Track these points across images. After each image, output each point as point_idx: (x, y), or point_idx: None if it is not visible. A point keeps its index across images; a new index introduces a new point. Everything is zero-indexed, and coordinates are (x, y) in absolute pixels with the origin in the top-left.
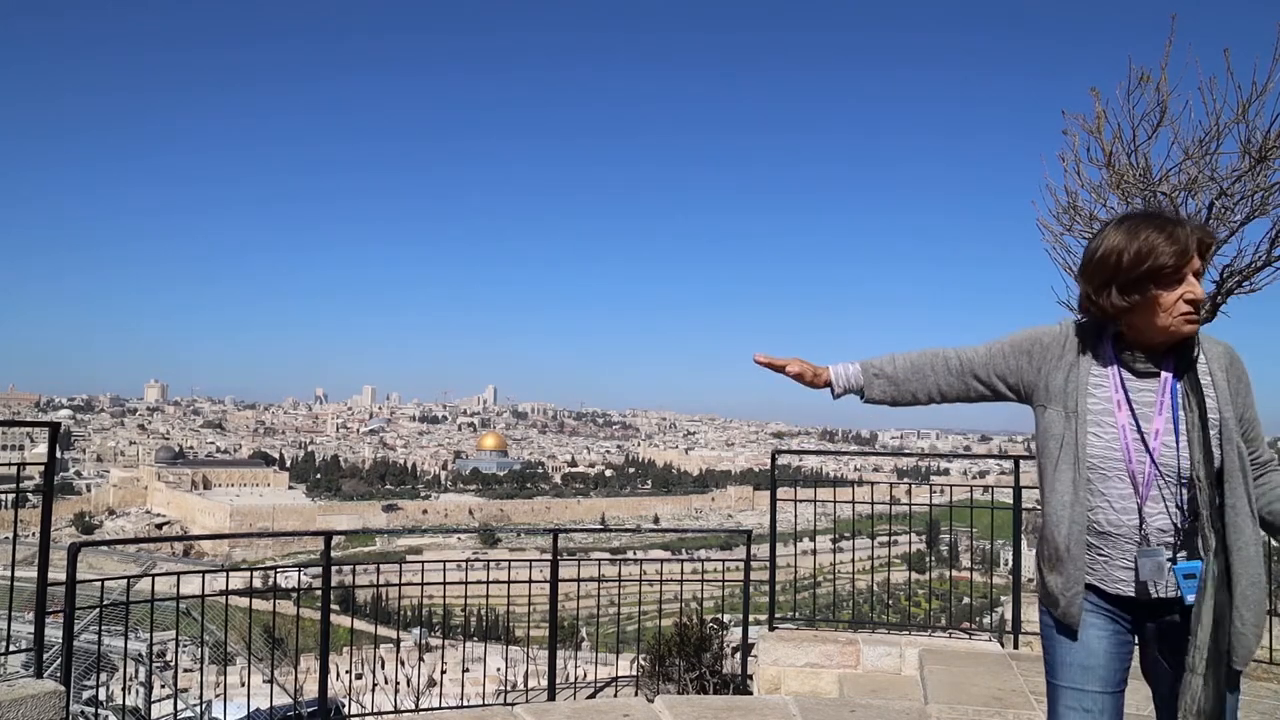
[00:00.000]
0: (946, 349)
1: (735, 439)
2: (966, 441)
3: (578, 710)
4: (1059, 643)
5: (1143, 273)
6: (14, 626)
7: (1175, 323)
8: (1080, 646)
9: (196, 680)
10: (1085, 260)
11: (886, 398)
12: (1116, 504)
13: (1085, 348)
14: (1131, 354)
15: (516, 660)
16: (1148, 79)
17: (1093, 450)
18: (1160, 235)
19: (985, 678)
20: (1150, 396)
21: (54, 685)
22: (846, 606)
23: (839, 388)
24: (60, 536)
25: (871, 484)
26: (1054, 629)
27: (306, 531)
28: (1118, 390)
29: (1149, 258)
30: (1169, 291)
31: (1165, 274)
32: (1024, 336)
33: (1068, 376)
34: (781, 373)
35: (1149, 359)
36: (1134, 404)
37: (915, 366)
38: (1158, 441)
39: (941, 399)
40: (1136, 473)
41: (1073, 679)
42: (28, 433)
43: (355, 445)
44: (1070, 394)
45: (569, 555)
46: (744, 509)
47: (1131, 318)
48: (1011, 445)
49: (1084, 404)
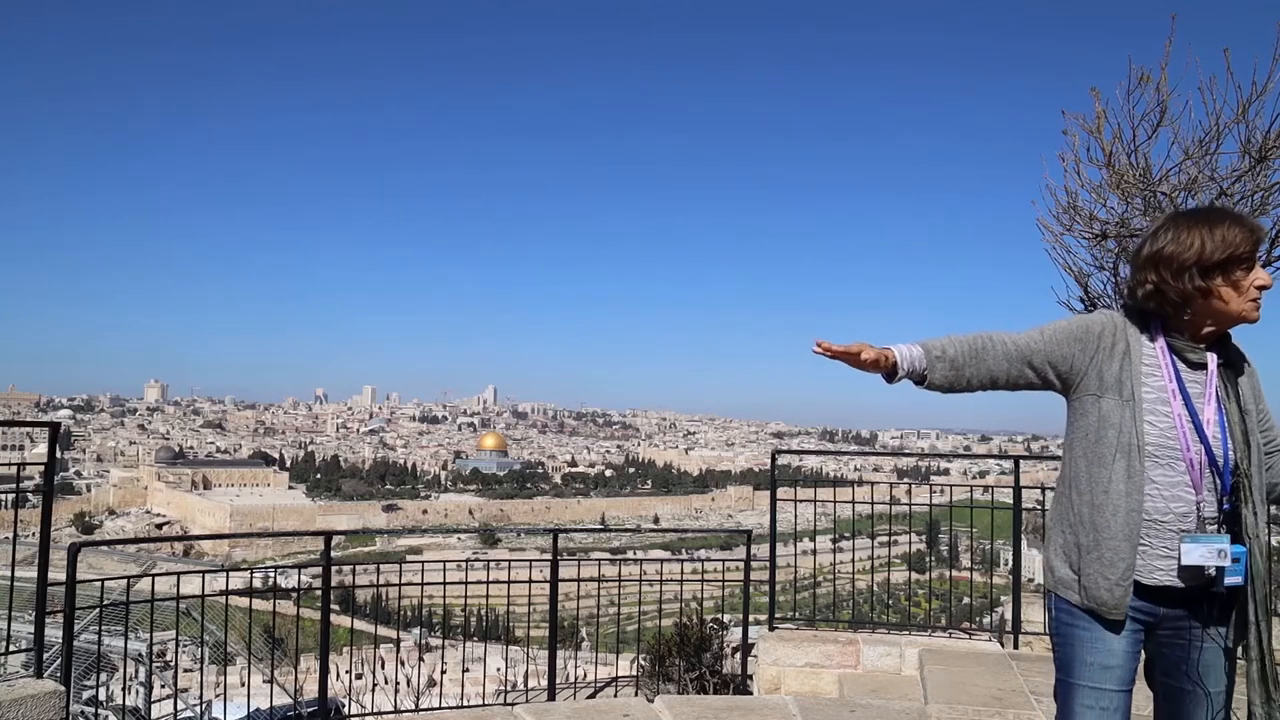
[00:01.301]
0: (998, 333)
1: (735, 439)
2: (966, 441)
3: (578, 710)
4: (1080, 641)
5: (1224, 258)
6: (14, 626)
7: (1247, 308)
8: (1103, 645)
9: (196, 680)
10: (1157, 249)
11: (945, 383)
12: (1166, 491)
13: (1136, 337)
14: (1185, 343)
15: (516, 660)
16: (1148, 79)
17: (1149, 438)
18: (1234, 225)
19: (985, 678)
20: (1200, 388)
21: (54, 685)
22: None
23: (902, 370)
24: (60, 536)
25: (871, 484)
26: (1076, 626)
27: (306, 531)
28: (1172, 380)
29: (1228, 245)
30: (1244, 278)
31: (1242, 259)
32: (1075, 324)
33: (1121, 365)
34: (848, 361)
35: (1199, 350)
36: (1188, 394)
37: (974, 350)
38: (1212, 429)
39: (993, 385)
40: (1193, 461)
41: (1092, 678)
42: (28, 433)
43: (355, 445)
44: (1125, 382)
45: (569, 555)
46: (744, 509)
47: (1205, 303)
48: (1011, 445)
49: (1139, 392)
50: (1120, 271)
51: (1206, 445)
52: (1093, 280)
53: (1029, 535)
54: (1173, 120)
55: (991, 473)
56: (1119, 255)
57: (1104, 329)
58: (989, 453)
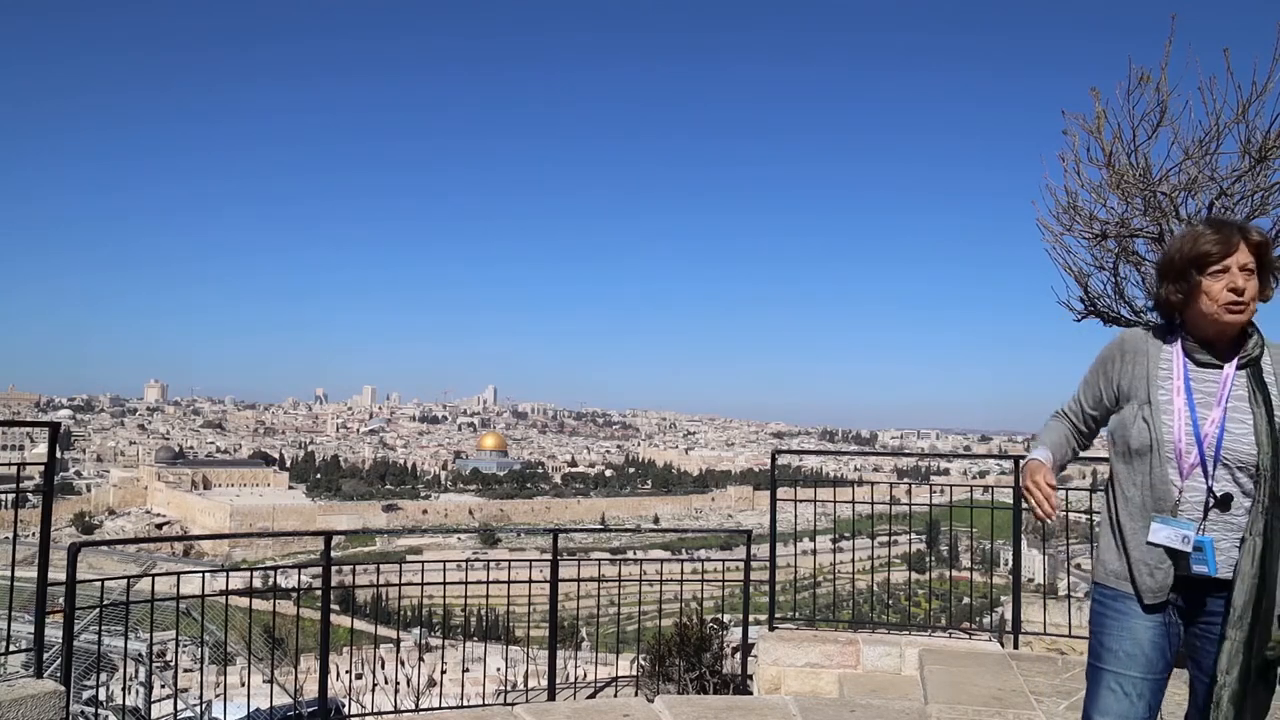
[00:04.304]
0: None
1: (735, 439)
2: (966, 441)
3: (578, 710)
4: (1107, 628)
5: (1188, 260)
6: (14, 626)
7: (1218, 311)
8: (1128, 633)
9: (196, 680)
10: (1159, 258)
11: None
12: (1174, 484)
13: (1156, 345)
14: (1194, 346)
15: (516, 660)
16: (1148, 79)
17: (1163, 436)
18: (1208, 228)
19: (985, 678)
20: (1212, 387)
21: (54, 685)
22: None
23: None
24: (60, 536)
25: (871, 484)
26: (1106, 614)
27: (306, 531)
28: (1179, 379)
29: (1194, 245)
30: (1215, 281)
31: (1209, 261)
32: (1101, 356)
33: (1138, 373)
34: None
35: (1211, 352)
36: (1194, 392)
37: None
38: (1211, 427)
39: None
40: (1181, 453)
41: (1117, 664)
42: (28, 433)
43: (355, 445)
44: (1141, 388)
45: (569, 555)
46: (744, 509)
47: (1186, 310)
48: (1011, 445)
49: (1155, 395)
50: (1120, 271)
51: (1199, 442)
52: (1093, 280)
53: (1029, 535)
54: (1173, 120)
55: (991, 473)
56: (1119, 255)
57: (1129, 343)
58: (989, 453)
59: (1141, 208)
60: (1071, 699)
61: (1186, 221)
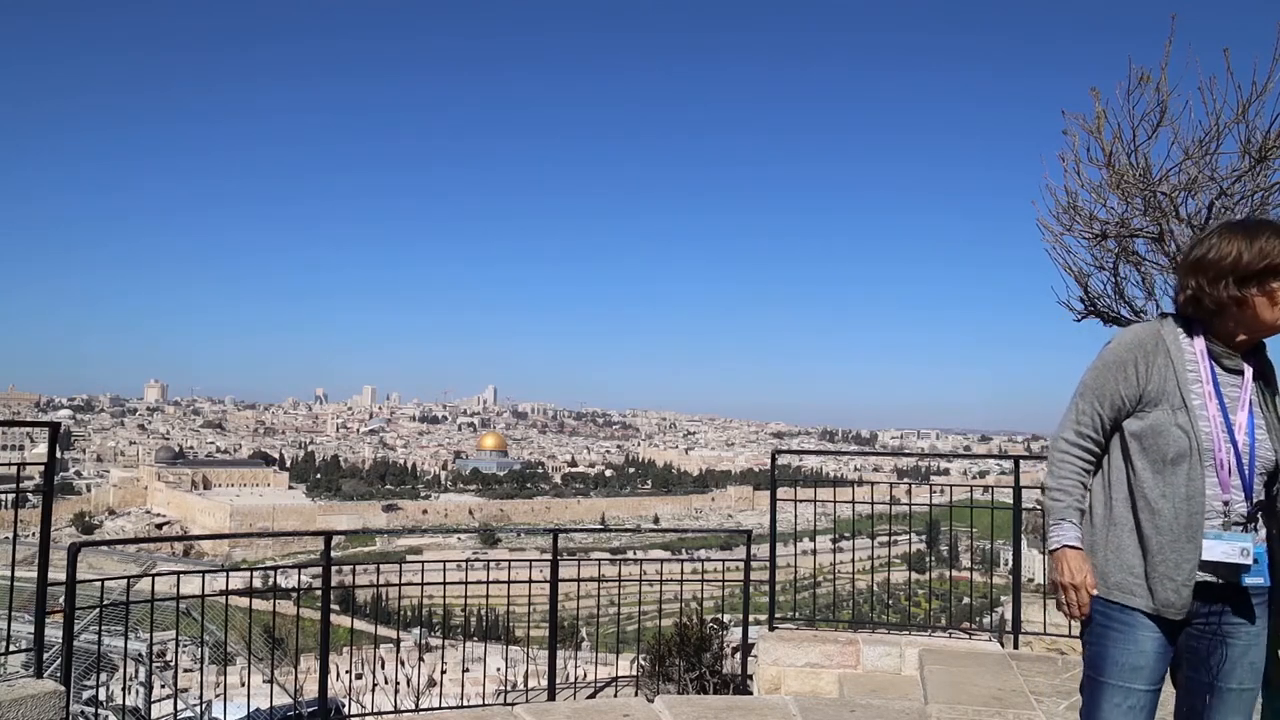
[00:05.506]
0: (1074, 462)
1: (735, 439)
2: (966, 441)
3: (578, 710)
4: (1112, 641)
5: (1261, 268)
6: (14, 626)
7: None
8: (1134, 646)
9: (196, 680)
10: (1198, 257)
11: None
12: (1208, 491)
13: (1176, 342)
14: (1222, 350)
15: (516, 660)
16: (1148, 79)
17: (1202, 443)
18: (1277, 238)
19: (985, 678)
20: (1236, 392)
21: (54, 685)
22: (846, 606)
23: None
24: (60, 536)
25: (871, 484)
26: (1110, 627)
27: (306, 531)
28: (1209, 383)
29: (1269, 255)
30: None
31: (1278, 271)
32: (1116, 359)
33: (1165, 375)
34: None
35: (1233, 354)
36: (1223, 397)
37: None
38: (1242, 434)
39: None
40: (1223, 462)
41: (1122, 678)
42: (28, 433)
43: (355, 445)
44: (1172, 390)
45: (569, 555)
46: (744, 509)
47: (1240, 311)
48: (1011, 445)
49: (1190, 399)
50: (1120, 271)
51: (1235, 448)
52: (1093, 280)
53: (1029, 535)
54: (1173, 120)
55: (991, 473)
56: (1119, 255)
57: (1147, 341)
58: (989, 453)
59: (1141, 208)
60: (1071, 699)
61: (1186, 221)
